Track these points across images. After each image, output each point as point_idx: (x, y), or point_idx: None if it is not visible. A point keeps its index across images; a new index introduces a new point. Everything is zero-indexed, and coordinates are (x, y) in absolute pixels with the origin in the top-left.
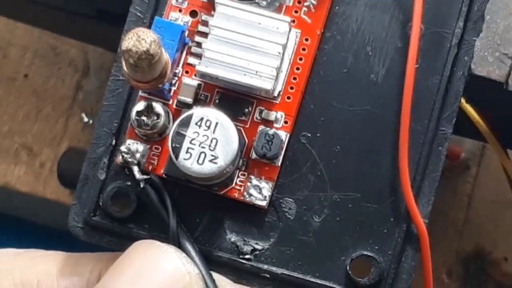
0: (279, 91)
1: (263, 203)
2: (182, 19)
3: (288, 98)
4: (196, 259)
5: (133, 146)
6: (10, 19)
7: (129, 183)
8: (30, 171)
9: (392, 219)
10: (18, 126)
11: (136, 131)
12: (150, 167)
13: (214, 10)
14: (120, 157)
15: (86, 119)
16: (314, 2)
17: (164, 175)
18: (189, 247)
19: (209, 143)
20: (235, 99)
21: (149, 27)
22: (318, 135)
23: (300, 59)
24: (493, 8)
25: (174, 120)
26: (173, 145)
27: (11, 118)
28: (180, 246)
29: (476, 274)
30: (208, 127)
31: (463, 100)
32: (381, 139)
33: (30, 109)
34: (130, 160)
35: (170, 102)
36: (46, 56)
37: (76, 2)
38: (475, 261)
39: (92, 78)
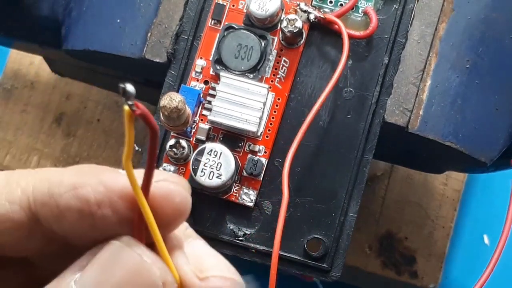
0: (261, 132)
1: (251, 204)
2: (199, 86)
3: (267, 136)
4: None
5: (167, 167)
6: (88, 84)
7: None
8: None
9: (333, 214)
10: (93, 152)
11: (169, 158)
12: None
13: (219, 80)
14: None
15: (137, 148)
16: (284, 75)
17: None
18: None
19: (216, 166)
20: (233, 137)
21: (177, 91)
22: None
23: (275, 111)
24: (398, 79)
25: (193, 151)
26: (193, 167)
27: (89, 147)
28: None
29: (387, 248)
30: (215, 155)
31: None
32: (326, 163)
33: (101, 141)
34: None
35: (191, 139)
36: (111, 107)
37: (131, 74)
38: (386, 239)
39: (140, 122)
